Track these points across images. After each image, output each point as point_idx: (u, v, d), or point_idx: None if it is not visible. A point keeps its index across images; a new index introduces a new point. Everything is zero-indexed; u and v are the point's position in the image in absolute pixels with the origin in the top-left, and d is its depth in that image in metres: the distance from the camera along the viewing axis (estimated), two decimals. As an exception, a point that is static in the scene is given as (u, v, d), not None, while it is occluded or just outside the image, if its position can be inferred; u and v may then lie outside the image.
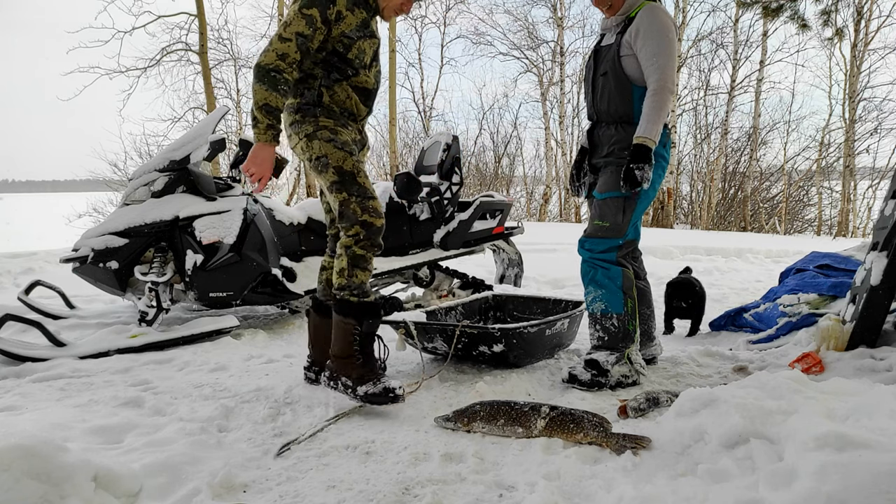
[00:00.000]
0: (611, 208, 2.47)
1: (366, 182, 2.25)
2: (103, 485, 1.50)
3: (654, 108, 2.32)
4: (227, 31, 23.38)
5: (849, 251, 3.75)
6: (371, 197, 2.23)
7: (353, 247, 2.21)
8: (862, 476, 1.21)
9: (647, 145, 2.32)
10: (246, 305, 3.61)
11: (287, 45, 2.12)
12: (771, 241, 9.44)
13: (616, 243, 2.48)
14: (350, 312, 2.19)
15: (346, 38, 2.23)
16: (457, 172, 4.09)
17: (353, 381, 2.14)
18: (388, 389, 2.10)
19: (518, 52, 18.16)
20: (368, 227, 2.20)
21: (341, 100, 2.30)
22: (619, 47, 2.43)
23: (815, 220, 15.72)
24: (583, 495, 1.52)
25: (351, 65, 2.28)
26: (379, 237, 2.24)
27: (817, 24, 6.49)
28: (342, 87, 2.29)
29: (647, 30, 2.34)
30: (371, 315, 2.21)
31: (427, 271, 4.28)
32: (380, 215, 2.24)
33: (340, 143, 2.24)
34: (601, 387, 2.38)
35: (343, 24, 2.21)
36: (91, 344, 2.96)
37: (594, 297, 2.51)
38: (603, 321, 2.49)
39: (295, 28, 2.13)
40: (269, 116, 2.12)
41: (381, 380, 2.13)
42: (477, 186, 17.56)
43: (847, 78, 14.58)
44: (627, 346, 2.48)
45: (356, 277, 2.20)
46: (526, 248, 6.07)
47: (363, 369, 2.16)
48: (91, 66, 12.29)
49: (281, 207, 3.82)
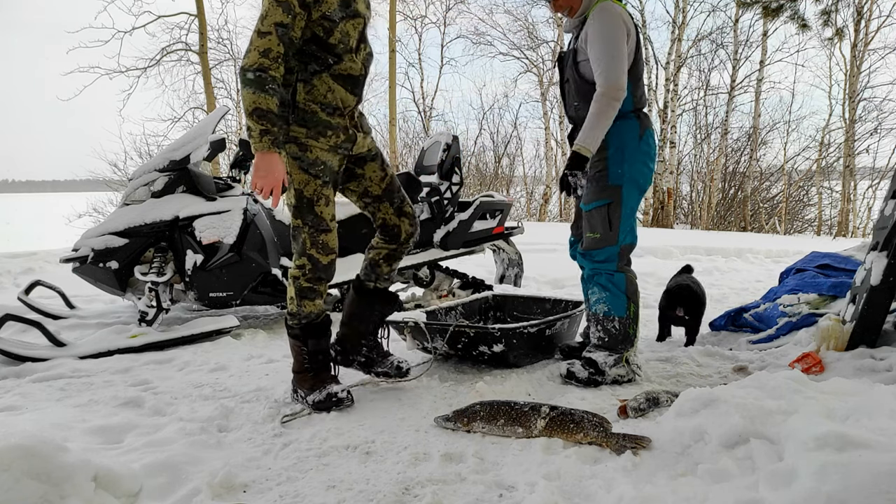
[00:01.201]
0: (596, 219, 2.47)
1: (324, 211, 2.15)
2: (103, 485, 1.50)
3: (594, 115, 2.26)
4: (227, 31, 23.43)
5: (849, 251, 3.75)
6: (325, 230, 2.16)
7: (300, 279, 2.21)
8: (862, 476, 1.21)
9: (582, 153, 2.29)
10: (246, 305, 3.61)
11: (268, 40, 1.96)
12: (771, 241, 9.44)
13: (614, 251, 2.47)
14: (296, 335, 2.27)
15: (326, 20, 2.05)
16: (457, 172, 4.09)
17: (305, 392, 2.24)
18: (330, 395, 2.19)
19: (518, 52, 18.20)
20: (315, 262, 2.17)
21: (322, 94, 2.12)
22: (575, 53, 2.41)
23: (815, 220, 15.72)
24: (583, 495, 1.52)
25: (333, 51, 2.10)
26: (328, 272, 2.21)
27: (817, 24, 6.49)
28: (321, 79, 2.12)
29: (592, 33, 2.28)
30: (316, 335, 2.26)
31: (427, 271, 4.29)
32: (329, 251, 2.19)
33: (307, 164, 2.13)
34: (597, 385, 2.42)
35: (323, 4, 2.04)
36: (91, 344, 2.96)
37: (598, 299, 2.51)
38: (605, 322, 2.50)
39: (272, 19, 1.97)
40: (260, 121, 1.96)
41: (325, 387, 2.21)
42: (477, 186, 17.57)
43: (847, 78, 14.59)
44: (627, 348, 2.49)
45: (304, 307, 2.23)
46: (526, 248, 6.07)
47: (313, 381, 2.25)
48: (91, 66, 12.34)
49: (281, 207, 3.82)
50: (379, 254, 2.41)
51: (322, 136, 2.14)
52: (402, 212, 2.38)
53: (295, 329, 2.26)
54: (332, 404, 2.18)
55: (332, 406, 2.18)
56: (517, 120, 20.57)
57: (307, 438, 1.94)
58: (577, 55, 2.41)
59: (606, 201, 2.42)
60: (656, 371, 2.66)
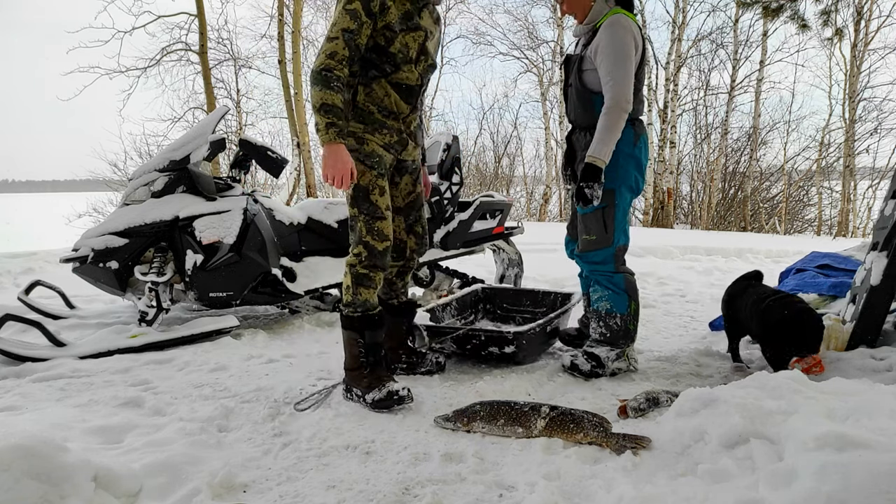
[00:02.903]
0: (592, 222, 2.55)
1: (379, 200, 2.27)
2: (103, 485, 1.50)
3: (605, 128, 2.34)
4: (227, 31, 23.38)
5: (849, 251, 3.75)
6: (380, 217, 2.27)
7: (357, 266, 2.29)
8: (862, 476, 1.21)
9: (596, 165, 2.36)
10: (246, 305, 3.61)
11: (335, 44, 2.12)
12: (771, 241, 9.44)
13: (610, 252, 2.56)
14: (353, 326, 2.29)
15: (388, 30, 2.20)
16: (457, 172, 4.09)
17: (362, 391, 2.23)
18: (391, 393, 2.17)
19: (518, 52, 18.19)
20: (371, 249, 2.27)
21: (379, 97, 2.28)
22: (581, 60, 2.48)
23: (815, 220, 15.70)
24: (583, 495, 1.52)
25: (392, 60, 2.24)
26: (383, 259, 2.29)
27: (817, 24, 6.49)
28: (380, 84, 2.27)
29: (604, 46, 2.34)
30: (373, 327, 2.29)
31: (427, 271, 4.28)
32: (384, 238, 2.28)
33: (363, 156, 2.26)
34: (598, 377, 2.54)
35: (388, 15, 2.18)
36: (91, 344, 2.96)
37: (600, 297, 2.60)
38: (607, 319, 2.58)
39: (341, 25, 2.13)
40: (326, 115, 2.10)
41: (385, 385, 2.20)
42: (477, 186, 17.56)
43: (847, 78, 14.58)
44: (627, 343, 2.60)
45: (360, 295, 2.29)
46: (526, 248, 6.06)
47: (370, 378, 2.24)
48: (91, 66, 12.29)
49: (281, 207, 3.81)
50: (391, 272, 2.57)
51: (378, 133, 2.29)
52: (413, 230, 2.54)
53: (353, 319, 2.29)
54: (393, 403, 2.16)
55: (393, 405, 2.16)
56: (517, 120, 20.57)
57: (307, 438, 1.94)
58: (584, 63, 2.47)
59: (602, 205, 2.49)
60: (656, 371, 2.66)
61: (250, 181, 3.42)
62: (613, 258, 2.56)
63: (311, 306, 3.96)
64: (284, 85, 12.31)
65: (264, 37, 14.83)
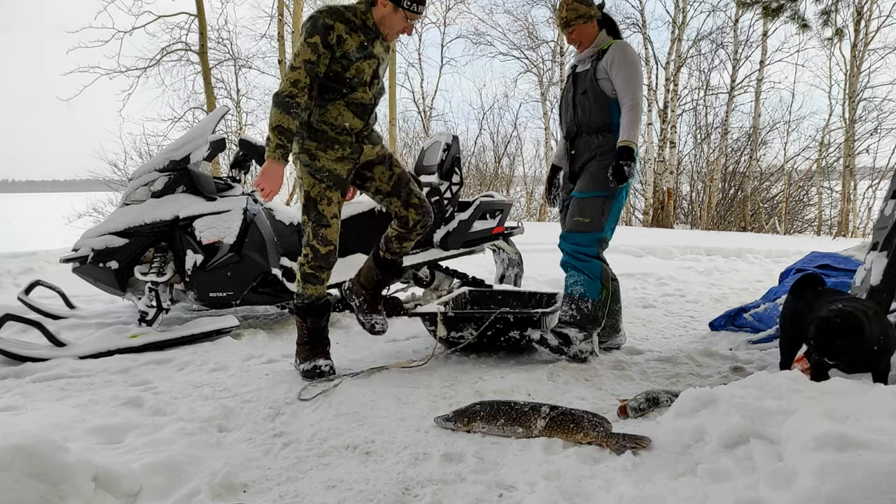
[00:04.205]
0: (592, 206, 2.79)
1: (326, 209, 2.60)
2: (103, 485, 1.50)
3: (633, 120, 2.70)
4: (227, 31, 23.39)
5: (849, 251, 3.75)
6: (325, 225, 2.61)
7: (305, 266, 2.65)
8: (862, 476, 1.21)
9: (630, 146, 2.67)
10: (246, 305, 3.61)
11: (298, 73, 2.43)
12: (771, 241, 9.44)
13: (597, 237, 2.80)
14: (299, 313, 2.70)
15: (345, 59, 2.51)
16: (457, 172, 4.09)
17: (299, 361, 2.67)
18: (316, 367, 2.60)
19: (518, 52, 18.20)
20: (316, 252, 2.62)
21: (332, 117, 2.57)
22: (595, 72, 2.82)
23: (815, 220, 15.70)
24: (583, 495, 1.52)
25: (347, 84, 2.55)
26: (327, 260, 2.64)
27: (817, 24, 6.48)
28: (335, 105, 2.57)
29: (621, 60, 2.76)
30: (314, 314, 2.68)
31: (427, 271, 4.28)
32: (328, 243, 2.62)
33: (314, 170, 2.59)
34: (563, 353, 2.75)
35: (344, 45, 2.50)
36: (91, 344, 2.96)
37: (575, 281, 2.82)
38: (579, 302, 2.80)
39: (303, 57, 2.44)
40: (280, 136, 2.41)
41: (313, 360, 2.63)
42: (477, 186, 17.56)
43: (847, 78, 14.59)
44: (594, 328, 2.81)
45: (307, 290, 2.66)
46: (526, 248, 6.06)
47: (307, 353, 2.67)
48: (91, 66, 12.30)
49: (281, 207, 3.82)
50: (392, 232, 2.84)
51: (329, 149, 2.59)
52: (409, 203, 2.77)
53: (300, 308, 2.69)
54: (315, 374, 2.58)
55: (315, 376, 2.57)
56: (517, 120, 20.56)
57: (307, 438, 1.94)
58: (598, 73, 2.82)
59: (604, 194, 2.78)
60: (656, 371, 2.66)
61: (250, 181, 3.40)
62: (598, 243, 2.81)
63: (311, 306, 3.96)
64: (284, 85, 12.29)
65: (264, 37, 14.83)
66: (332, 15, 2.49)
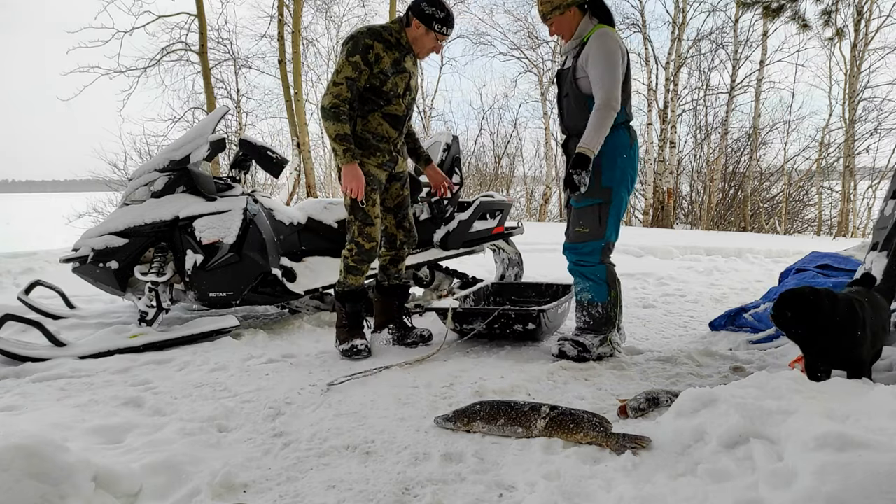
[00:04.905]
0: (587, 215, 2.75)
1: (371, 210, 2.91)
2: (103, 485, 1.50)
3: (597, 123, 2.56)
4: (227, 31, 23.38)
5: (849, 251, 3.75)
6: (370, 224, 2.91)
7: (349, 258, 2.95)
8: (862, 476, 1.21)
9: (586, 154, 2.55)
10: (246, 305, 3.61)
11: (340, 88, 2.72)
12: (771, 241, 9.44)
13: (598, 245, 2.76)
14: (340, 299, 3.02)
15: (382, 74, 2.80)
16: (457, 172, 4.09)
17: (339, 342, 2.97)
18: (353, 346, 2.90)
19: (518, 52, 18.18)
20: (360, 247, 2.93)
21: (373, 126, 2.89)
22: (574, 70, 2.70)
23: (815, 220, 15.69)
24: (583, 495, 1.52)
25: (384, 96, 2.85)
26: (369, 255, 2.94)
27: (817, 24, 6.48)
28: (374, 116, 2.87)
29: (594, 54, 2.59)
30: (353, 300, 3.00)
31: (427, 271, 4.29)
32: (372, 240, 2.92)
33: None
34: (585, 360, 2.73)
35: (381, 63, 2.78)
36: (91, 344, 2.96)
37: (582, 288, 2.84)
38: (589, 308, 2.82)
39: (345, 74, 2.72)
40: (343, 143, 2.73)
41: (350, 341, 2.92)
42: (477, 186, 17.56)
43: (847, 78, 14.57)
44: (609, 329, 2.81)
45: (348, 280, 2.99)
46: (526, 248, 6.07)
47: (346, 334, 2.97)
48: (91, 66, 12.32)
49: (281, 207, 3.81)
50: (385, 259, 3.18)
51: (373, 156, 2.92)
52: (401, 225, 3.15)
53: (340, 294, 3.01)
54: (353, 353, 2.88)
55: (353, 354, 2.88)
56: (517, 120, 20.52)
57: (307, 438, 1.94)
58: (577, 72, 2.69)
59: (598, 200, 2.72)
60: (656, 371, 2.66)
61: (250, 181, 3.43)
62: (601, 251, 2.77)
63: (311, 306, 3.96)
64: (284, 85, 12.32)
65: (264, 37, 14.83)
66: (371, 35, 2.76)
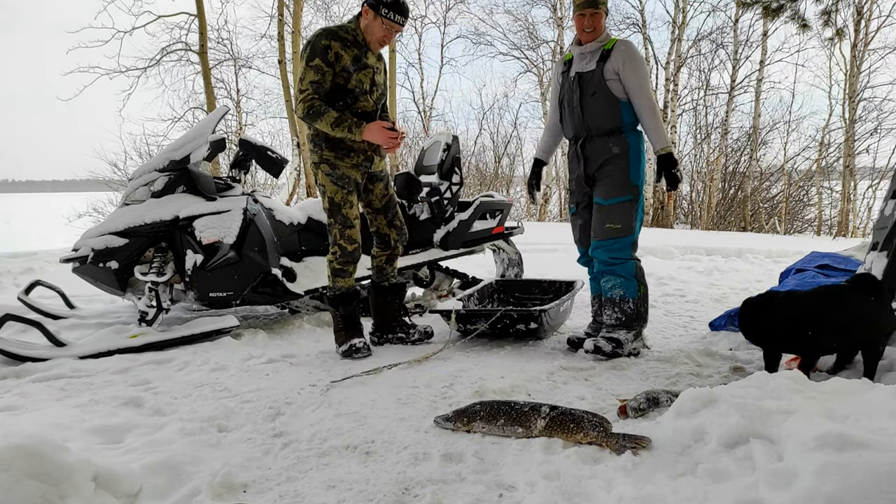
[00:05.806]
0: (618, 212, 2.83)
1: (349, 212, 2.91)
2: (103, 485, 1.50)
3: (657, 124, 2.80)
4: (227, 31, 23.38)
5: (849, 251, 3.75)
6: (350, 226, 2.92)
7: (333, 262, 2.96)
8: (862, 476, 1.21)
9: (671, 152, 2.79)
10: (246, 305, 3.61)
11: (306, 93, 2.74)
12: (771, 241, 9.43)
13: (629, 241, 2.85)
14: (332, 303, 3.00)
15: (345, 72, 2.78)
16: (457, 172, 4.09)
17: (338, 345, 2.96)
18: (351, 346, 2.90)
19: (518, 52, 18.16)
20: (343, 250, 2.94)
21: None
22: (603, 73, 2.81)
23: (815, 220, 15.67)
24: (583, 495, 1.52)
25: (351, 94, 2.83)
26: (353, 256, 2.96)
27: (817, 24, 6.48)
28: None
29: (632, 63, 2.78)
30: (345, 303, 2.98)
31: (427, 271, 4.28)
32: (353, 241, 2.94)
33: (336, 178, 2.88)
34: (618, 356, 2.81)
35: (342, 61, 2.76)
36: (91, 344, 2.96)
37: (613, 285, 2.88)
38: (621, 304, 2.86)
39: (308, 79, 2.73)
40: (340, 125, 2.73)
41: (349, 341, 2.91)
42: (477, 186, 17.56)
43: (847, 78, 14.57)
44: (641, 324, 2.90)
45: (337, 283, 2.99)
46: (526, 248, 6.07)
47: (343, 337, 2.96)
48: (91, 66, 12.31)
49: (281, 207, 3.81)
50: (380, 260, 3.18)
51: (347, 157, 2.89)
52: (392, 224, 3.14)
53: (332, 298, 3.00)
54: (352, 352, 2.88)
55: (352, 353, 2.88)
56: (517, 120, 20.55)
57: (307, 438, 1.94)
58: (606, 74, 2.81)
59: (629, 197, 2.84)
60: (656, 371, 2.66)
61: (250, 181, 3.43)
62: (630, 246, 2.86)
63: (311, 306, 3.96)
64: (284, 85, 12.31)
65: (264, 37, 14.84)
66: (326, 36, 2.74)
